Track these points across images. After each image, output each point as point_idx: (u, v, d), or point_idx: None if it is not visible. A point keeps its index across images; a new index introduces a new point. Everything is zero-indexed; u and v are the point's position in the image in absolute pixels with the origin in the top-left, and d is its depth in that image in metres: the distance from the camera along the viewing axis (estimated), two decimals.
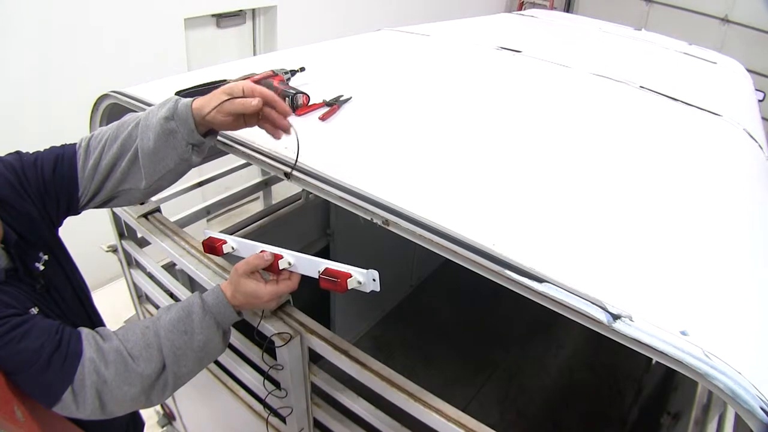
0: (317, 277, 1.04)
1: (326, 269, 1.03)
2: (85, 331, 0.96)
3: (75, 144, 1.12)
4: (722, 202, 1.29)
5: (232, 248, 1.16)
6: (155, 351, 0.98)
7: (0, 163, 1.04)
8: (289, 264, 1.07)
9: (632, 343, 0.79)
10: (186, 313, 1.03)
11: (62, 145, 1.13)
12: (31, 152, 1.10)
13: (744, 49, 6.23)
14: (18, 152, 1.09)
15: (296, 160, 1.15)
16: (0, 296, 0.92)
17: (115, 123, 1.11)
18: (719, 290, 0.96)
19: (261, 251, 1.08)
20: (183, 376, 1.03)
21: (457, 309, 3.56)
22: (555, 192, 1.17)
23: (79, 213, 1.15)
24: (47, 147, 1.13)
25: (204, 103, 1.03)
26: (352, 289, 1.01)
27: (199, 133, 1.06)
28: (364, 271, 1.00)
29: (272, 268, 1.07)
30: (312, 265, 1.06)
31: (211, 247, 1.17)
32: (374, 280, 1.00)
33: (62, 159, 1.09)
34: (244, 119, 1.06)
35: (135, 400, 0.98)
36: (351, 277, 1.00)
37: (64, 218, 1.15)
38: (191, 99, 1.05)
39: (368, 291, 1.01)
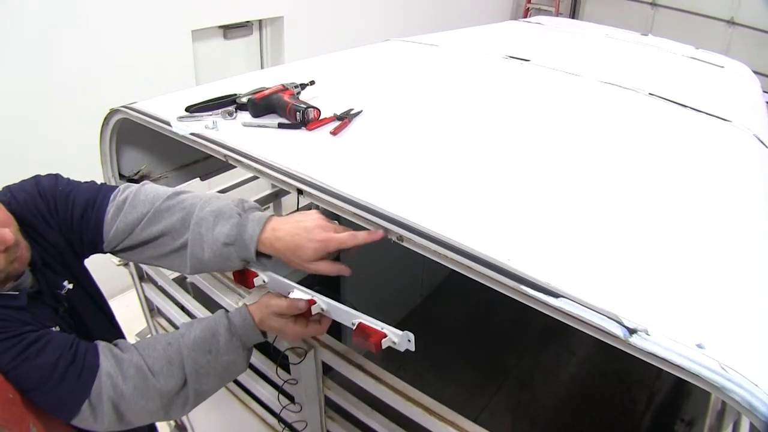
0: (351, 328, 1.01)
1: (360, 324, 1.00)
2: (101, 344, 0.96)
3: (111, 189, 1.09)
4: (736, 212, 1.28)
5: (264, 281, 1.10)
6: (177, 368, 0.98)
7: (37, 187, 1.03)
8: (322, 310, 1.05)
9: (649, 357, 0.79)
10: (211, 333, 1.02)
11: (98, 187, 1.10)
12: (69, 179, 1.08)
13: (750, 50, 6.22)
14: (57, 177, 1.08)
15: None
16: (19, 316, 0.92)
17: (153, 193, 1.07)
18: (734, 301, 0.95)
19: (294, 296, 1.04)
20: (204, 393, 1.03)
21: (467, 317, 3.55)
22: (568, 204, 1.17)
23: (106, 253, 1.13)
24: (87, 179, 1.11)
25: (273, 245, 1.01)
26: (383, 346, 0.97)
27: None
28: (400, 332, 0.97)
29: (304, 313, 1.04)
30: (346, 316, 1.03)
31: (243, 278, 1.12)
32: (409, 341, 0.97)
33: (93, 206, 1.06)
34: None
35: (153, 414, 0.99)
36: (385, 337, 0.97)
37: (90, 255, 1.13)
38: (260, 227, 1.01)
39: (402, 350, 0.98)
